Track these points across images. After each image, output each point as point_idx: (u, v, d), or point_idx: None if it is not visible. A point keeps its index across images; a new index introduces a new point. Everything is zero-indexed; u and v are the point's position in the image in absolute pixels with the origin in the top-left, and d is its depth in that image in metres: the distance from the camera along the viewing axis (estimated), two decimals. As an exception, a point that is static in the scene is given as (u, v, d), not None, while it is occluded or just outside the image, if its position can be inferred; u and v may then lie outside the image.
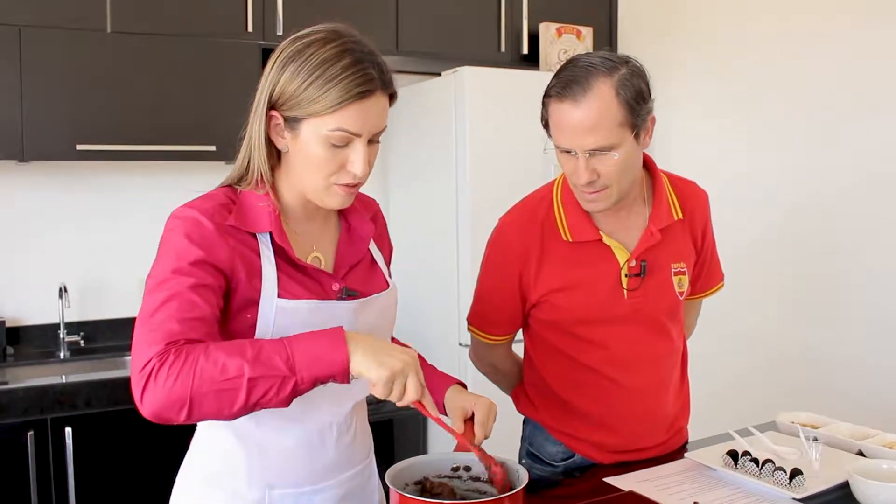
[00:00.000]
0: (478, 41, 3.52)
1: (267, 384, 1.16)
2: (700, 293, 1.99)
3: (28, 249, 3.13)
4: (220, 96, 3.00)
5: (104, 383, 2.61)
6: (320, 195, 1.35)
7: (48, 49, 2.77)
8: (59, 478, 2.54)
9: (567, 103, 1.59)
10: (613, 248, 1.75)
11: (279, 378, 1.16)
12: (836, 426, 1.92)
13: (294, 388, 1.18)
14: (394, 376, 1.20)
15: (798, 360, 3.21)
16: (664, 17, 3.81)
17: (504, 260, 1.83)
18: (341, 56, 1.27)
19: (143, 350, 1.18)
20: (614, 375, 1.79)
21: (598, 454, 1.85)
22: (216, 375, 1.15)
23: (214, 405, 1.16)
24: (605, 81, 1.58)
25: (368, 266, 1.51)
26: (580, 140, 1.59)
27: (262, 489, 1.40)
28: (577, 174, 1.63)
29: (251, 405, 1.17)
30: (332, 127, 1.27)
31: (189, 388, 1.14)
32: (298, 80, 1.27)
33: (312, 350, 1.18)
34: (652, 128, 1.68)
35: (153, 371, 1.15)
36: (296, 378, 1.17)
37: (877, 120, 2.99)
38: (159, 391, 1.15)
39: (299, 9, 3.10)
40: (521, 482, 1.31)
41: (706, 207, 1.91)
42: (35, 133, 2.77)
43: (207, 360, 1.15)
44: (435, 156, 3.36)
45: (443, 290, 3.33)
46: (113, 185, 3.24)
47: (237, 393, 1.15)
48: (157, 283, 1.25)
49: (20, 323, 3.11)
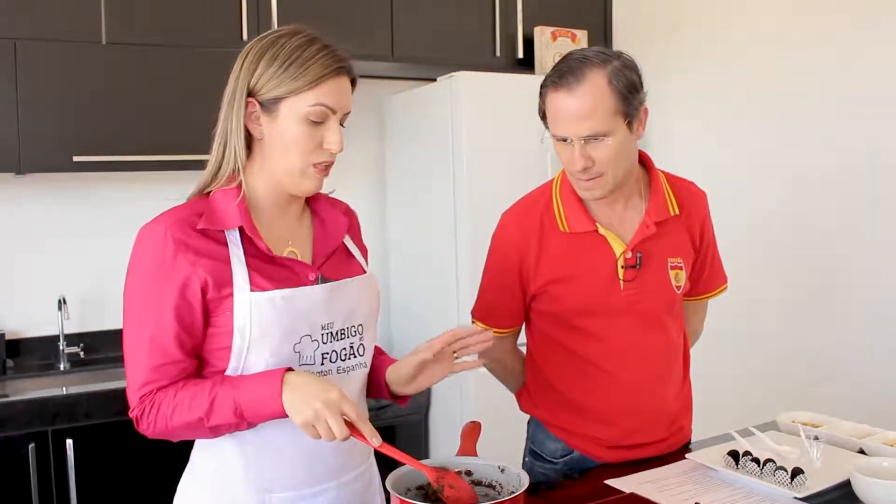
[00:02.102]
0: (473, 46, 3.53)
1: (225, 426, 1.35)
2: (703, 294, 2.01)
3: (27, 262, 3.13)
4: (215, 106, 2.98)
5: (104, 394, 2.61)
6: (296, 179, 1.41)
7: (44, 61, 2.78)
8: (61, 490, 2.54)
9: (562, 92, 1.67)
10: (609, 238, 1.80)
11: (233, 424, 1.34)
12: (837, 425, 1.92)
13: (249, 426, 1.36)
14: (314, 419, 1.27)
15: (798, 359, 3.21)
16: (659, 20, 3.82)
17: (505, 252, 1.89)
18: (312, 42, 1.39)
19: (129, 392, 1.40)
20: (610, 368, 1.83)
21: (597, 450, 1.87)
22: (185, 419, 1.34)
23: (192, 436, 1.41)
24: (598, 72, 1.66)
25: (345, 257, 1.55)
26: (575, 127, 1.67)
27: (261, 494, 1.41)
28: (573, 161, 1.69)
29: (221, 435, 1.39)
30: (312, 102, 1.37)
31: (167, 428, 1.36)
32: (276, 65, 1.37)
33: (255, 396, 1.31)
34: (645, 119, 1.75)
35: (137, 418, 1.38)
36: (246, 422, 1.34)
37: (878, 119, 2.99)
38: (147, 431, 1.39)
39: (294, 17, 3.10)
40: (522, 486, 1.31)
41: (704, 207, 1.94)
42: (32, 145, 2.77)
43: (174, 412, 1.34)
44: (432, 161, 3.37)
45: (441, 294, 3.33)
46: (110, 195, 3.24)
47: (205, 432, 1.37)
48: (134, 317, 1.41)
49: (20, 335, 3.11)
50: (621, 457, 1.86)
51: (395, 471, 1.38)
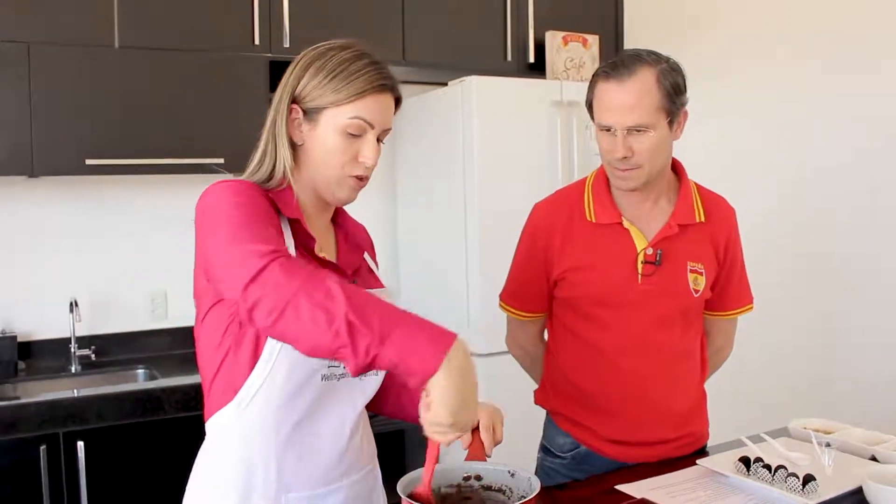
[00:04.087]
0: (484, 50, 3.53)
1: (357, 336, 1.12)
2: (729, 311, 2.04)
3: (39, 264, 3.15)
4: (227, 109, 3.01)
5: (116, 397, 2.62)
6: (332, 188, 1.44)
7: (57, 65, 2.79)
8: (72, 492, 2.54)
9: (613, 82, 1.77)
10: (632, 232, 1.87)
11: (373, 337, 1.12)
12: (848, 431, 1.92)
13: (372, 361, 1.13)
14: (460, 424, 1.17)
15: (808, 359, 3.20)
16: (670, 24, 3.81)
17: (533, 238, 1.98)
18: (360, 57, 1.41)
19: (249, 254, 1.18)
20: (618, 358, 1.88)
21: (603, 444, 1.92)
22: (321, 297, 1.13)
23: (305, 323, 1.13)
24: (648, 69, 1.76)
25: (367, 272, 1.59)
26: (621, 117, 1.76)
27: (280, 493, 1.41)
28: (615, 150, 1.78)
29: (332, 349, 1.13)
30: (351, 115, 1.39)
31: (295, 290, 1.13)
32: (322, 75, 1.40)
33: (412, 337, 1.14)
34: (684, 122, 1.85)
35: (268, 264, 1.16)
36: (378, 352, 1.12)
37: (884, 118, 2.98)
38: (270, 281, 1.15)
39: (306, 22, 3.12)
40: (533, 490, 1.31)
41: (732, 222, 1.99)
42: (45, 148, 2.78)
43: (317, 278, 1.15)
44: (443, 165, 3.37)
45: (452, 300, 3.33)
46: (122, 199, 3.25)
47: (329, 325, 1.12)
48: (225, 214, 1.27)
49: (32, 338, 3.13)
50: (628, 454, 1.89)
51: (405, 476, 1.38)
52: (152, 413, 2.63)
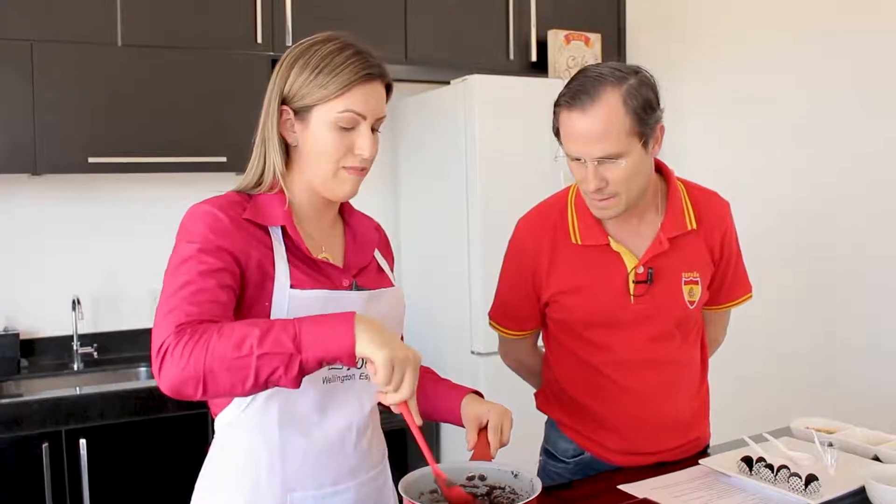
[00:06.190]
0: (486, 49, 3.53)
1: (275, 362, 1.19)
2: (724, 304, 1.99)
3: (41, 262, 3.15)
4: (230, 108, 3.01)
5: (118, 394, 2.62)
6: (329, 184, 1.42)
7: (60, 63, 2.80)
8: (74, 489, 2.55)
9: (576, 112, 1.63)
10: (622, 253, 1.78)
11: (286, 356, 1.19)
12: (851, 431, 1.91)
13: (301, 368, 1.20)
14: (396, 362, 1.21)
15: (812, 360, 3.20)
16: (673, 23, 3.81)
17: (519, 260, 1.89)
18: (343, 49, 1.39)
19: (160, 329, 1.25)
20: (619, 378, 1.82)
21: (608, 454, 1.88)
22: (227, 353, 1.19)
23: (227, 381, 1.20)
24: (613, 91, 1.61)
25: (376, 270, 1.56)
26: (588, 148, 1.63)
27: (283, 493, 1.41)
28: (587, 181, 1.67)
29: (262, 383, 1.21)
30: (341, 109, 1.37)
31: (202, 365, 1.19)
32: (307, 72, 1.38)
33: (320, 330, 1.21)
34: (661, 136, 1.70)
35: (169, 348, 1.22)
36: (301, 357, 1.19)
37: (893, 119, 2.98)
38: (175, 367, 1.20)
39: (308, 20, 3.12)
40: (535, 491, 1.31)
41: (726, 217, 1.90)
42: (47, 146, 2.79)
43: (220, 337, 1.20)
44: (445, 163, 3.37)
45: (454, 299, 3.33)
46: (125, 197, 3.26)
47: (247, 370, 1.19)
48: (175, 266, 1.31)
49: (34, 335, 3.13)
50: (634, 462, 1.86)
51: (408, 475, 1.38)
52: (155, 411, 2.63)
